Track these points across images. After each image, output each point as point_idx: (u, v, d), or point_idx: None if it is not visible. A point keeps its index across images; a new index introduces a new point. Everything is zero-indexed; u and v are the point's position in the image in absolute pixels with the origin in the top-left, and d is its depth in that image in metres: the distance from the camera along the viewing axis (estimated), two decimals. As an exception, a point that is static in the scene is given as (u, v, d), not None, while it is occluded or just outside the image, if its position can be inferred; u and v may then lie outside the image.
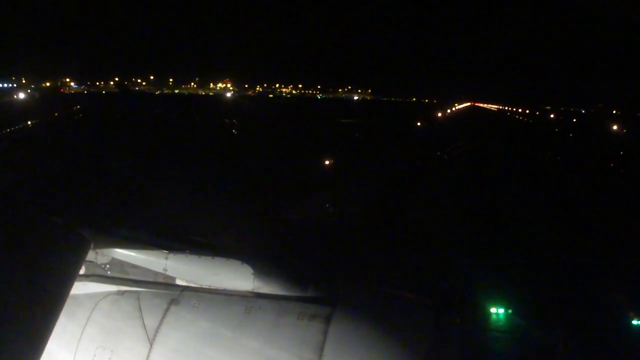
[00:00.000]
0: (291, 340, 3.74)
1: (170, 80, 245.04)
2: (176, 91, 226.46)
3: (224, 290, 4.23)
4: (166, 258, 4.33)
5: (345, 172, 31.88)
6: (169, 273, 4.36)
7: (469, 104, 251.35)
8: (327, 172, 32.77)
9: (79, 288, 4.27)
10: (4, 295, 3.18)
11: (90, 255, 4.31)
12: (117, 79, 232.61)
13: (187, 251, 4.35)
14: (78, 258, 3.94)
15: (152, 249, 4.39)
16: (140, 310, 4.16)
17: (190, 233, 4.97)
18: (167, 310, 4.10)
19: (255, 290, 4.17)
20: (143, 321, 4.10)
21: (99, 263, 4.48)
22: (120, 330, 4.12)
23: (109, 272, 4.50)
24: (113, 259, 4.45)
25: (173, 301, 4.16)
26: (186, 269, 4.33)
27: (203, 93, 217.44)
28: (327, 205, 22.92)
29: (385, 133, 63.16)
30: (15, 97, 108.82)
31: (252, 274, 4.18)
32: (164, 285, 4.36)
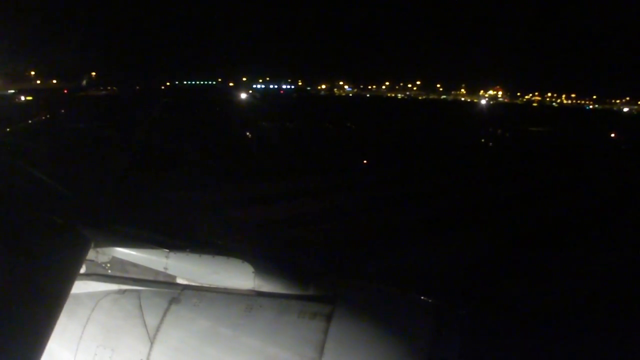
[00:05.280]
0: (292, 338, 3.73)
1: (439, 85, 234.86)
2: (442, 97, 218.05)
3: (225, 288, 4.22)
4: (167, 257, 4.32)
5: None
6: (170, 272, 4.35)
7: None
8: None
9: (80, 287, 4.27)
10: (4, 294, 3.18)
11: (91, 254, 4.31)
12: (387, 83, 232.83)
13: (188, 250, 4.34)
14: (78, 257, 3.94)
15: (152, 248, 4.38)
16: (141, 309, 4.16)
17: (192, 232, 4.96)
18: (167, 309, 4.10)
19: (256, 289, 4.16)
20: (144, 320, 4.09)
21: (99, 262, 4.47)
22: (121, 329, 4.12)
23: (109, 271, 4.49)
24: (114, 257, 4.44)
25: (174, 300, 4.16)
26: (187, 268, 4.32)
27: (469, 100, 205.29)
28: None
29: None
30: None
31: (253, 272, 4.17)
32: (164, 284, 4.35)
